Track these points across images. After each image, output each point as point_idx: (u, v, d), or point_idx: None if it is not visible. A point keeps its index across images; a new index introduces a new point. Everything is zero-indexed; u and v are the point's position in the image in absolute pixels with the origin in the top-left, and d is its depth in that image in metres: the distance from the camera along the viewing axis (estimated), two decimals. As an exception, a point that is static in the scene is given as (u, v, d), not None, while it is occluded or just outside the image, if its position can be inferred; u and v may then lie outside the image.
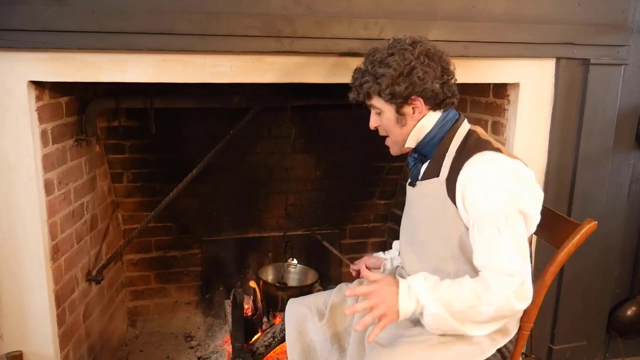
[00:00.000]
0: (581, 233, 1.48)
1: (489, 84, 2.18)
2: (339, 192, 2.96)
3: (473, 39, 1.89)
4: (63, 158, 1.92)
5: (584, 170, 2.15)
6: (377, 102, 1.48)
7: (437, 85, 1.44)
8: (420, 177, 1.53)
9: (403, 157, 1.75)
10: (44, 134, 1.74)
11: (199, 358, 2.60)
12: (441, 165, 1.46)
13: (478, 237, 1.36)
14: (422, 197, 1.52)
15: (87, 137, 2.12)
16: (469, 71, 1.97)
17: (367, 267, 1.90)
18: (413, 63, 1.41)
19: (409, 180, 1.59)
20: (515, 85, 2.07)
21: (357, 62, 1.77)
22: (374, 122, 1.54)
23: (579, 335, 2.35)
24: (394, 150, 1.58)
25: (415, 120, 1.48)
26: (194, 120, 2.60)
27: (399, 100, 1.44)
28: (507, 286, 1.28)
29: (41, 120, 1.72)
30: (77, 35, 1.60)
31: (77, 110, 2.06)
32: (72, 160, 2.02)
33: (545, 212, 1.61)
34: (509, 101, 2.12)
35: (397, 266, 1.75)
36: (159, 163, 2.69)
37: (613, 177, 2.26)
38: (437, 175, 1.46)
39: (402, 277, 1.66)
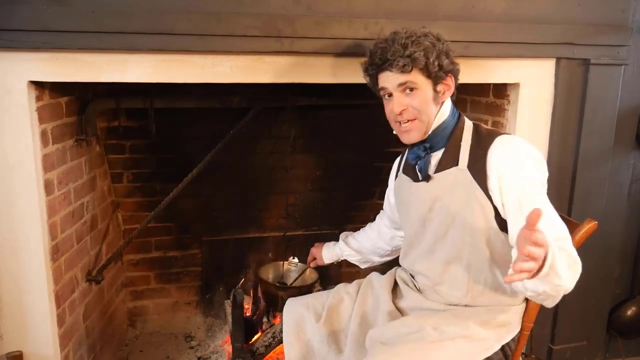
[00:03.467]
0: (581, 233, 1.48)
1: (489, 84, 2.18)
2: (339, 192, 2.96)
3: (473, 39, 1.89)
4: (63, 158, 1.92)
5: (584, 170, 2.15)
6: (415, 77, 1.44)
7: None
8: (434, 170, 1.52)
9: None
10: (44, 134, 1.74)
11: (199, 358, 2.60)
12: (458, 154, 1.47)
13: (527, 209, 1.33)
14: (439, 189, 1.50)
15: (87, 137, 2.12)
16: (469, 71, 1.96)
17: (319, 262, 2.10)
18: (446, 45, 1.46)
19: (415, 178, 1.56)
20: (515, 85, 2.07)
21: (357, 62, 1.77)
22: (401, 104, 1.47)
23: (579, 335, 2.35)
24: (416, 135, 1.50)
25: (443, 102, 1.50)
26: (194, 120, 2.59)
27: (442, 74, 1.45)
28: (573, 248, 1.32)
29: (41, 120, 1.72)
30: (77, 35, 1.60)
31: (77, 110, 2.06)
32: (72, 160, 2.02)
33: (545, 212, 1.61)
34: (509, 101, 2.12)
35: (396, 267, 1.75)
36: (159, 163, 2.69)
37: (613, 177, 2.26)
38: (456, 164, 1.47)
39: (403, 278, 1.66)
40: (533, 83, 2.06)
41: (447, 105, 1.52)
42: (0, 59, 1.61)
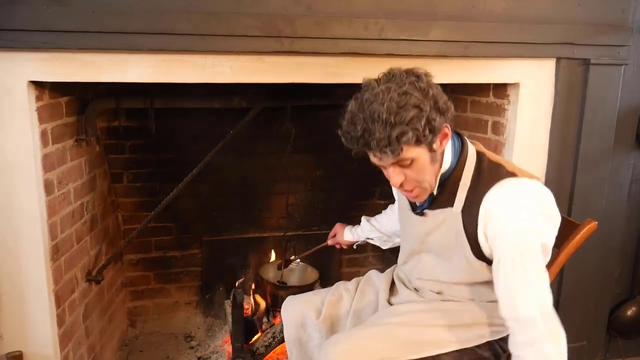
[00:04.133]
0: (581, 233, 1.48)
1: (489, 84, 2.18)
2: (339, 192, 2.96)
3: (473, 39, 1.89)
4: (63, 158, 1.92)
5: (584, 170, 2.15)
6: (407, 152, 1.27)
7: (450, 103, 1.32)
8: (429, 206, 1.46)
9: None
10: (44, 134, 1.74)
11: (199, 358, 2.60)
12: (455, 196, 1.39)
13: (503, 276, 1.30)
14: (432, 225, 1.47)
15: (87, 137, 2.12)
16: (469, 71, 1.97)
17: (340, 243, 2.07)
18: (431, 92, 1.26)
19: (413, 208, 1.52)
20: (515, 85, 2.07)
21: (357, 62, 1.77)
22: (398, 177, 1.33)
23: (579, 335, 2.35)
24: (423, 197, 1.41)
25: (442, 151, 1.36)
26: (194, 120, 2.60)
27: (436, 135, 1.28)
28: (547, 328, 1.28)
29: (41, 120, 1.72)
30: (77, 35, 1.60)
31: (77, 110, 2.06)
32: (72, 160, 2.02)
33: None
34: (509, 101, 2.12)
35: (395, 266, 1.75)
36: (159, 163, 2.69)
37: (613, 177, 2.26)
38: (451, 206, 1.39)
39: (401, 277, 1.67)
40: (533, 83, 2.06)
41: (448, 151, 1.38)
42: (0, 59, 1.60)
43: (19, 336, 1.78)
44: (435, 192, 1.42)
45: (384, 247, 1.99)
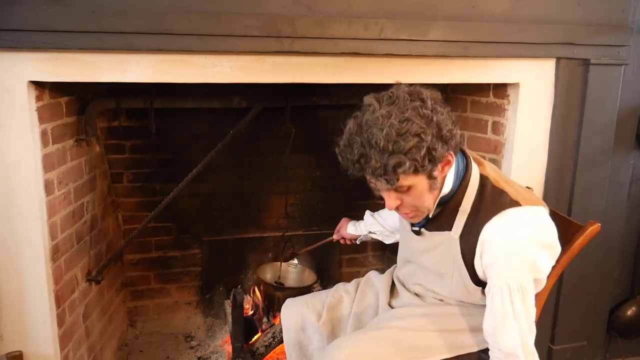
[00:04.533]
0: (584, 235, 1.48)
1: (489, 84, 2.18)
2: (339, 192, 2.96)
3: (473, 39, 1.89)
4: (63, 158, 1.92)
5: (584, 170, 2.15)
6: (405, 180, 1.23)
7: (457, 129, 1.27)
8: (426, 226, 1.44)
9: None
10: (44, 134, 1.74)
11: (199, 358, 2.60)
12: (454, 220, 1.36)
13: (490, 306, 1.31)
14: (429, 245, 1.46)
15: (87, 137, 2.12)
16: (469, 71, 1.97)
17: (344, 238, 2.02)
18: (435, 118, 1.20)
19: (411, 227, 1.51)
20: (515, 85, 2.07)
21: (357, 62, 1.78)
22: (394, 203, 1.30)
23: (579, 335, 2.35)
24: (420, 218, 1.39)
25: (444, 177, 1.32)
26: (194, 120, 2.60)
27: (437, 164, 1.23)
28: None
29: (41, 120, 1.72)
30: (77, 35, 1.60)
31: (77, 110, 2.06)
32: (72, 160, 2.02)
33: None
34: (509, 101, 2.12)
35: (394, 266, 1.75)
36: (159, 163, 2.69)
37: (613, 177, 2.26)
38: (449, 230, 1.37)
39: (400, 280, 1.67)
40: (533, 83, 2.06)
41: (450, 175, 1.34)
42: (0, 59, 1.60)
43: (19, 336, 1.78)
44: (431, 215, 1.40)
45: (386, 242, 1.97)
